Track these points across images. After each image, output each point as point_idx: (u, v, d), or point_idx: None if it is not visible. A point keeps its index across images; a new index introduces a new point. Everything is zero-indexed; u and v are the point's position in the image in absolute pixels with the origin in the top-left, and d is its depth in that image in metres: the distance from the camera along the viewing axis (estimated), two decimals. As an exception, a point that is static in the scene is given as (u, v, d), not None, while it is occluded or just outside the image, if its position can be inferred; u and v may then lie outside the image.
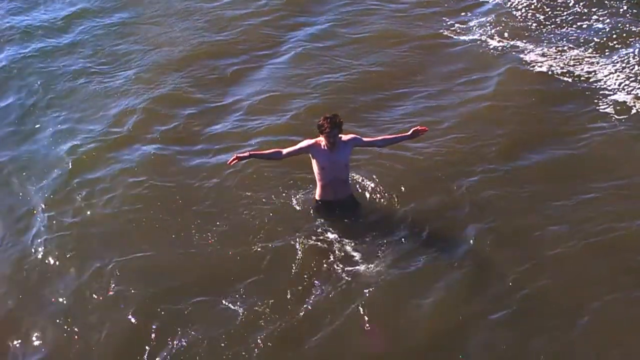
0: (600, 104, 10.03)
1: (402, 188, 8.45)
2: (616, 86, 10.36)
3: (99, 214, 8.47)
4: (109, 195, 8.74)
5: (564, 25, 12.24)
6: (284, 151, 7.76)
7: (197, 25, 13.14)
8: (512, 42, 11.82)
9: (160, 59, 12.02)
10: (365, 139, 8.00)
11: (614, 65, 10.93)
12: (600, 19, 12.25)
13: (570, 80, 10.63)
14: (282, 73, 11.40)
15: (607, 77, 10.59)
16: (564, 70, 10.87)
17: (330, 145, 7.60)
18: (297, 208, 8.26)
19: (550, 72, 10.84)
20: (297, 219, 8.10)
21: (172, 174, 9.10)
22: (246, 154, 7.79)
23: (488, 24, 12.48)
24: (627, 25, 11.95)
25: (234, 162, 7.78)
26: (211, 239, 7.89)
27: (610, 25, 12.01)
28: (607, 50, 11.36)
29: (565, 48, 11.53)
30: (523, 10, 12.78)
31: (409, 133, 7.92)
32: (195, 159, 9.38)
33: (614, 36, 11.72)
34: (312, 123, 8.27)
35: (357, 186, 8.43)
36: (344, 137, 7.76)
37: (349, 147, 7.81)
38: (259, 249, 7.68)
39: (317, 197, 8.05)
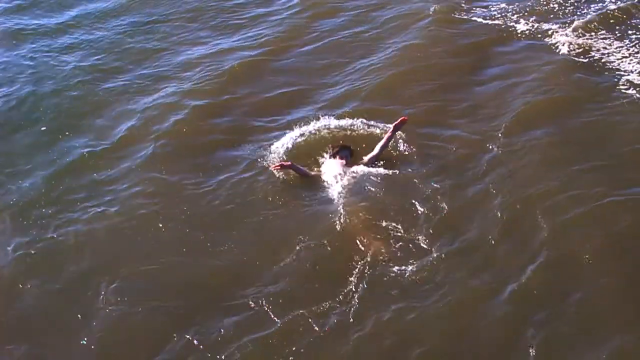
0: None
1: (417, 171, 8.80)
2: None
3: (112, 219, 8.42)
4: (119, 200, 8.73)
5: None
6: (312, 173, 8.77)
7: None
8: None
9: (176, 59, 12.20)
10: (367, 158, 8.84)
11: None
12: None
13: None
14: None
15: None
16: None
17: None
18: (319, 210, 8.38)
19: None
20: (321, 218, 8.23)
21: (190, 175, 9.11)
22: (288, 163, 8.59)
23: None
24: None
25: (277, 168, 8.56)
26: (234, 244, 7.88)
27: None
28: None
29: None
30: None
31: (391, 130, 8.80)
32: (215, 163, 9.35)
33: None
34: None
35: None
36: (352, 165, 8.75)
37: None
38: (286, 253, 7.66)
39: None
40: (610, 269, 7.16)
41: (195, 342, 6.73)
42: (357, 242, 7.68)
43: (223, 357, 6.57)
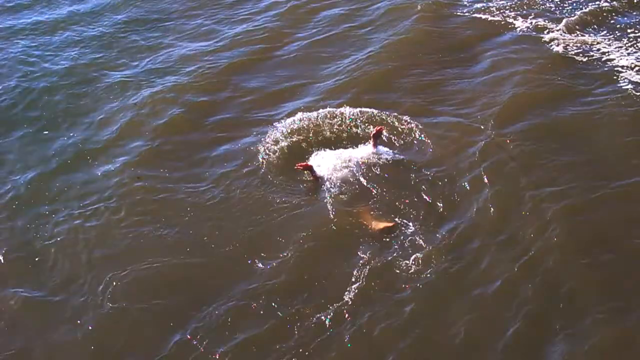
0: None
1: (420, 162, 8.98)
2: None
3: (110, 217, 8.49)
4: (117, 198, 8.78)
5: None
6: (323, 179, 8.79)
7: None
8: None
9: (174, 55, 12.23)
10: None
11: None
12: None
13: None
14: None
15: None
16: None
17: None
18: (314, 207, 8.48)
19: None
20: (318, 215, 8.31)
21: (190, 171, 9.20)
22: (310, 165, 8.74)
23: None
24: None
25: (300, 167, 8.70)
26: (234, 242, 7.96)
27: None
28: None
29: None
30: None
31: (372, 142, 8.93)
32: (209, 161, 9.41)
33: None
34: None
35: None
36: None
37: None
38: (286, 252, 7.74)
39: None
40: (598, 262, 7.32)
41: (195, 342, 6.83)
42: (355, 239, 7.81)
43: (222, 357, 6.68)
